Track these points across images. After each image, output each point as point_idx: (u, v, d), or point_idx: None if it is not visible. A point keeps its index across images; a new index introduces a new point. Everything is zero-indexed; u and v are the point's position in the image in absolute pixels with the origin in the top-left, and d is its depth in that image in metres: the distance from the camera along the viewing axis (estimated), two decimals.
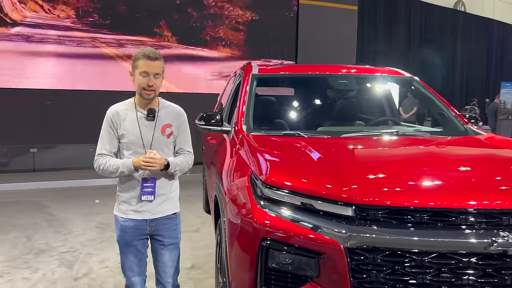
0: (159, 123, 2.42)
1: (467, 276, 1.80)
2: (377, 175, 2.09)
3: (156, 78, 2.33)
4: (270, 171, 2.10)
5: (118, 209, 2.46)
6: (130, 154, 2.39)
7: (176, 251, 2.54)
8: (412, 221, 1.82)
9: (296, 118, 3.49)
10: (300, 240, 1.89)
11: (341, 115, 3.66)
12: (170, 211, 2.49)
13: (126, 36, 8.72)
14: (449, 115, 3.46)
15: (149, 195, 2.40)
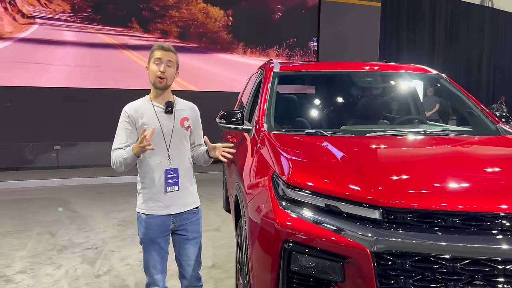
0: (177, 115, 2.45)
1: (502, 284, 1.70)
2: (405, 176, 2.00)
3: (169, 66, 2.36)
4: (292, 171, 2.04)
5: (143, 206, 2.45)
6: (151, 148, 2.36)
7: (199, 245, 2.57)
8: (442, 225, 1.73)
9: (318, 117, 3.41)
10: (324, 243, 1.82)
11: (365, 113, 3.55)
12: (193, 205, 2.50)
13: (151, 36, 8.80)
14: (479, 113, 3.32)
15: (173, 186, 2.41)
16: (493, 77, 22.38)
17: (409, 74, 3.73)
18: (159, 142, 2.38)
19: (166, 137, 2.40)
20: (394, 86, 3.81)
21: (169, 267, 2.58)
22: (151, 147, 2.23)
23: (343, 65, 3.75)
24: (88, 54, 8.38)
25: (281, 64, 3.73)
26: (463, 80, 21.18)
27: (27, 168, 7.94)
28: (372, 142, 2.61)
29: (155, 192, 2.41)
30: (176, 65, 2.42)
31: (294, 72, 3.72)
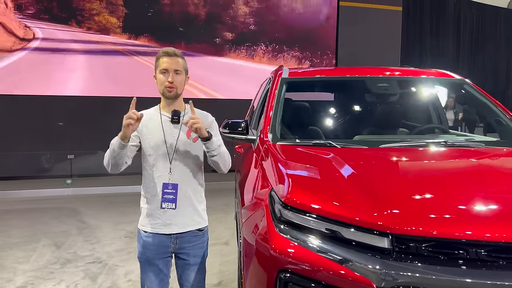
0: (184, 126, 2.23)
1: None
2: (421, 198, 1.74)
3: (177, 74, 2.20)
4: (291, 190, 1.81)
5: (143, 223, 2.30)
6: (154, 160, 2.24)
7: (202, 270, 2.37)
8: (465, 257, 1.47)
9: (330, 126, 3.16)
10: (325, 275, 1.58)
11: (380, 122, 3.28)
12: (198, 225, 2.30)
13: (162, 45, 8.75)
14: (507, 121, 3.00)
15: (170, 203, 2.22)
16: None
17: (429, 80, 3.44)
18: (163, 154, 2.23)
19: (169, 149, 2.23)
20: (412, 92, 3.53)
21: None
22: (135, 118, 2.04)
23: (357, 71, 3.49)
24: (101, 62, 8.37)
25: (290, 70, 3.51)
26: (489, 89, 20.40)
27: (41, 177, 7.95)
28: (385, 155, 2.35)
29: (154, 208, 2.25)
30: (184, 71, 2.25)
31: (304, 79, 3.49)
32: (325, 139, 2.67)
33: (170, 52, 2.22)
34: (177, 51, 2.24)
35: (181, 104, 2.32)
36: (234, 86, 9.33)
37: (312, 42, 9.91)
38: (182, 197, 2.23)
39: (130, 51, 8.54)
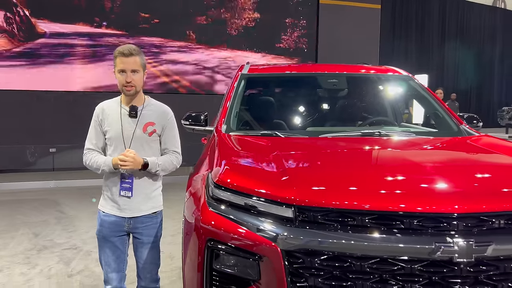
0: (141, 120, 2.45)
1: (410, 283, 1.69)
2: (323, 176, 2.01)
3: (134, 74, 2.36)
4: (222, 171, 2.08)
5: (102, 204, 2.54)
6: (113, 150, 2.44)
7: (155, 249, 2.59)
8: (353, 224, 1.74)
9: (283, 119, 3.42)
10: (241, 242, 1.85)
11: (330, 115, 3.56)
12: (151, 210, 2.52)
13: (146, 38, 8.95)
14: (444, 115, 3.29)
15: (127, 191, 2.44)
16: (505, 80, 21.93)
17: (378, 76, 3.72)
18: (119, 146, 2.42)
19: (126, 142, 2.42)
20: (361, 87, 3.80)
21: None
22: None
23: (311, 68, 3.77)
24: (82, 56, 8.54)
25: (251, 66, 3.77)
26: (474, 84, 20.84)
27: (23, 170, 8.13)
28: (316, 143, 2.63)
29: (113, 193, 2.47)
30: (142, 68, 2.39)
31: (262, 75, 3.75)
32: (279, 131, 2.91)
33: (126, 52, 2.34)
34: (132, 49, 2.36)
35: (141, 98, 2.48)
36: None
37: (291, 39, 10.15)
38: (138, 186, 2.45)
39: (111, 43, 8.72)
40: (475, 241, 1.65)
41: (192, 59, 9.34)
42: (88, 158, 2.46)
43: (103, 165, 2.39)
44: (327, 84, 3.61)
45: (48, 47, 8.30)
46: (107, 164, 2.38)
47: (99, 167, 2.41)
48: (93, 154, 2.46)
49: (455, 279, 1.69)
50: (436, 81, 18.84)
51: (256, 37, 9.80)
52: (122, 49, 2.36)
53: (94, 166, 2.43)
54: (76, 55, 8.49)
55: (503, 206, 1.74)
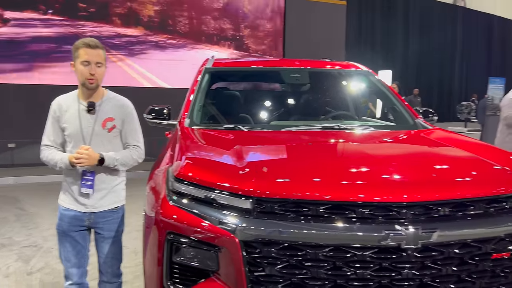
0: (100, 116, 2.40)
1: (362, 270, 1.77)
2: (281, 168, 2.06)
3: (98, 67, 2.33)
4: (182, 165, 2.08)
5: (62, 198, 2.48)
6: (72, 147, 2.39)
7: (117, 244, 2.58)
8: (308, 214, 1.79)
9: (246, 112, 3.46)
10: (200, 234, 1.87)
11: (292, 110, 3.63)
12: (112, 205, 2.49)
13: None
14: (401, 109, 3.42)
15: (88, 188, 2.40)
16: (465, 75, 22.84)
17: (338, 71, 3.81)
18: (79, 143, 2.37)
19: (85, 139, 2.38)
20: (323, 82, 3.89)
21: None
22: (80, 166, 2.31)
23: (275, 62, 3.82)
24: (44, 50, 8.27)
25: (216, 60, 3.78)
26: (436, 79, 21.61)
27: None
28: (276, 137, 2.68)
29: (73, 189, 2.43)
30: (105, 63, 2.37)
31: (226, 69, 3.77)
32: (242, 125, 2.93)
33: (92, 44, 2.31)
34: (98, 43, 2.34)
35: (99, 92, 2.44)
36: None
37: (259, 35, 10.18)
38: (99, 182, 2.42)
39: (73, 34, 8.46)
40: (421, 228, 1.74)
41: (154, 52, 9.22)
42: (45, 155, 2.41)
43: (60, 162, 2.35)
44: (289, 79, 3.67)
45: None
46: (63, 161, 2.34)
47: (56, 164, 2.37)
48: (50, 150, 2.40)
49: (403, 265, 1.78)
50: (401, 77, 19.41)
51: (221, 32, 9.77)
52: (87, 41, 2.32)
53: (51, 163, 2.39)
54: (35, 48, 8.20)
55: (448, 195, 1.85)
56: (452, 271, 1.84)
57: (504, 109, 4.98)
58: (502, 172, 2.08)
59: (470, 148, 2.46)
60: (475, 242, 1.85)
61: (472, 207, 1.88)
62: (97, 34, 8.57)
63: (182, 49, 9.45)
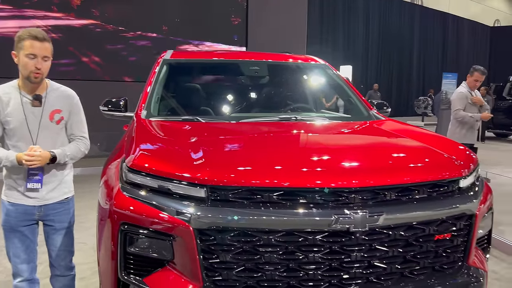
0: (47, 108, 2.32)
1: (313, 253, 1.83)
2: (235, 157, 2.09)
3: (45, 61, 2.25)
4: (136, 155, 2.07)
5: (6, 194, 2.38)
6: (16, 142, 2.30)
7: (69, 235, 2.53)
8: (261, 201, 1.83)
9: (204, 104, 3.46)
10: (154, 223, 1.87)
11: (251, 102, 3.66)
12: (62, 196, 2.44)
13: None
14: (356, 101, 3.52)
15: (35, 183, 2.32)
16: (422, 71, 23.72)
17: (296, 63, 3.87)
18: (24, 137, 2.28)
19: (32, 132, 2.29)
20: (282, 75, 3.94)
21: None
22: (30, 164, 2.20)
23: (234, 55, 3.83)
24: None
25: (174, 52, 3.75)
26: (396, 74, 22.33)
27: None
28: (233, 127, 2.71)
29: (19, 184, 2.34)
30: (51, 56, 2.29)
31: (184, 60, 3.75)
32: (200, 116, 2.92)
33: (40, 36, 2.21)
34: (46, 35, 2.25)
35: (44, 84, 2.35)
36: None
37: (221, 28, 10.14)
38: (48, 176, 2.36)
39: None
40: (368, 212, 1.82)
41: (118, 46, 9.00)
42: None
43: (5, 160, 2.24)
44: (248, 71, 3.70)
45: None
46: (10, 160, 2.24)
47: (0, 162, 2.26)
48: None
49: (352, 247, 1.85)
50: (361, 72, 19.94)
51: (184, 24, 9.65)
52: (34, 33, 2.21)
53: (8, 166, 2.27)
54: None
55: (394, 180, 1.94)
56: (398, 252, 1.94)
57: (454, 103, 5.25)
58: (445, 158, 2.20)
59: (418, 137, 2.58)
60: (420, 224, 1.96)
61: (417, 191, 1.98)
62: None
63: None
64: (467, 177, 2.15)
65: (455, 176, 2.08)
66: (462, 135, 5.15)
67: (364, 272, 1.89)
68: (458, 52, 24.89)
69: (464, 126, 5.17)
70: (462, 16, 24.97)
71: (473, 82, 5.17)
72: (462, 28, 25.15)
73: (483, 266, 2.21)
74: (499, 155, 10.64)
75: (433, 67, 23.75)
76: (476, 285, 2.06)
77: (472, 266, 2.13)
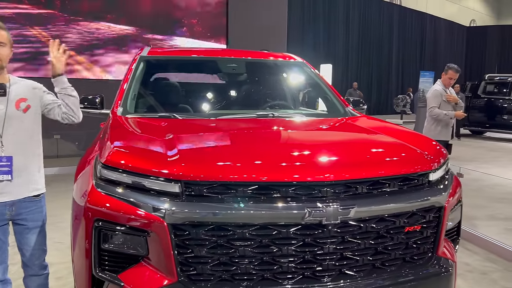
0: (12, 98, 2.32)
1: (287, 246, 1.86)
2: (210, 152, 2.11)
3: (1, 47, 2.26)
4: (110, 152, 2.06)
5: None
6: None
7: (43, 234, 2.50)
8: (235, 196, 1.85)
9: (181, 101, 3.46)
10: (129, 219, 1.87)
11: (228, 99, 3.67)
12: (34, 192, 2.41)
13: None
14: (332, 98, 3.57)
15: (5, 175, 2.30)
16: (401, 70, 24.13)
17: (274, 61, 3.90)
18: None
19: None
20: (259, 72, 3.97)
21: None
22: None
23: (212, 52, 3.83)
24: None
25: (152, 49, 3.73)
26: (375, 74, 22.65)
27: None
28: (209, 124, 2.72)
29: None
30: (9, 44, 2.31)
31: (162, 57, 3.73)
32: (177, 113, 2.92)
33: None
34: (1, 24, 2.29)
35: (5, 76, 2.35)
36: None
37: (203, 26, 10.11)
38: (17, 168, 2.32)
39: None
40: (340, 205, 1.86)
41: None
42: None
43: None
44: (226, 69, 3.71)
45: None
46: None
47: None
48: None
49: (325, 240, 1.89)
50: (342, 71, 20.17)
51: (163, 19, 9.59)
52: None
53: None
54: None
55: (365, 174, 1.99)
56: (370, 244, 1.99)
57: (429, 101, 5.37)
58: (415, 153, 2.26)
59: (390, 132, 2.65)
60: (391, 216, 2.01)
61: (388, 184, 2.03)
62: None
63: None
64: (437, 171, 2.21)
65: (425, 170, 2.14)
66: (437, 132, 5.28)
67: (337, 264, 1.93)
68: (436, 51, 25.42)
69: (439, 124, 5.30)
70: (439, 16, 25.51)
71: (448, 80, 5.30)
72: (439, 28, 25.69)
73: (452, 257, 2.28)
74: (474, 152, 10.93)
75: (412, 66, 24.20)
76: (446, 275, 2.13)
77: (442, 257, 2.19)
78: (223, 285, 1.85)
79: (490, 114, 13.37)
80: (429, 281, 2.08)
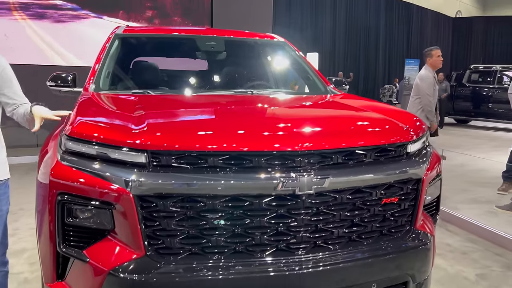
0: None
1: (259, 218, 1.79)
2: (179, 123, 2.03)
3: None
4: (75, 124, 1.96)
5: None
6: None
7: (2, 226, 2.34)
8: (206, 166, 1.77)
9: (157, 79, 3.35)
10: (93, 192, 1.78)
11: (206, 77, 3.58)
12: None
13: None
14: (313, 77, 3.50)
15: None
16: (388, 60, 24.18)
17: (254, 40, 3.81)
18: None
19: None
20: (239, 51, 3.87)
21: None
22: None
23: (191, 30, 3.72)
24: None
25: (127, 27, 3.62)
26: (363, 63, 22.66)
27: None
28: (182, 99, 2.63)
29: None
30: None
31: (137, 35, 3.62)
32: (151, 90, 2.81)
33: None
34: None
35: None
36: None
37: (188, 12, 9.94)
38: None
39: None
40: (314, 175, 1.79)
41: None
42: None
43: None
44: (204, 47, 3.61)
45: None
46: None
47: None
48: None
49: (299, 211, 1.82)
50: (329, 60, 20.13)
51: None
52: None
53: None
54: None
55: (340, 143, 1.92)
56: (345, 216, 1.93)
57: (422, 88, 5.13)
58: (393, 124, 2.20)
59: (370, 107, 2.58)
60: (367, 188, 1.95)
61: (364, 155, 1.97)
62: None
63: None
64: (415, 143, 2.16)
65: (402, 141, 2.08)
66: (422, 118, 5.25)
67: (312, 236, 1.87)
68: (422, 42, 25.48)
69: (424, 111, 5.27)
70: (425, 7, 25.55)
71: (438, 60, 5.21)
72: (425, 18, 25.74)
73: (431, 231, 2.24)
74: (458, 140, 11.01)
75: (398, 56, 24.24)
76: (423, 248, 2.08)
77: (420, 230, 2.15)
78: (193, 258, 1.77)
79: (475, 103, 13.48)
80: (406, 254, 2.03)
